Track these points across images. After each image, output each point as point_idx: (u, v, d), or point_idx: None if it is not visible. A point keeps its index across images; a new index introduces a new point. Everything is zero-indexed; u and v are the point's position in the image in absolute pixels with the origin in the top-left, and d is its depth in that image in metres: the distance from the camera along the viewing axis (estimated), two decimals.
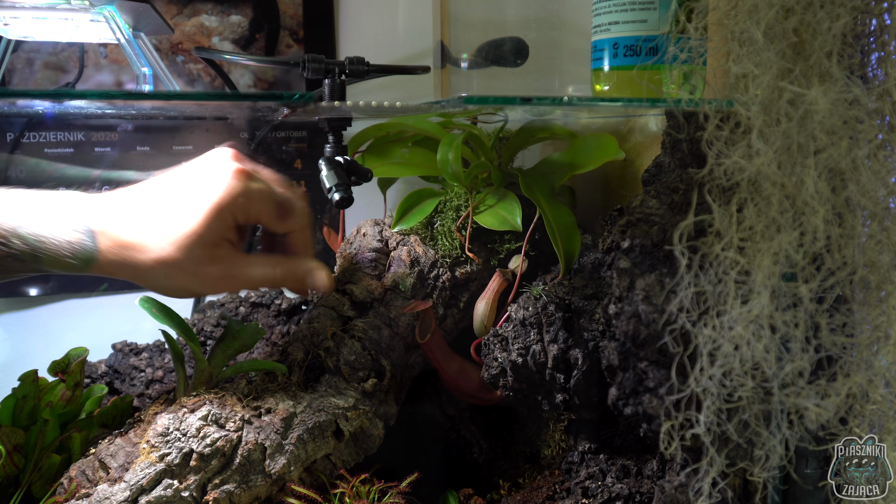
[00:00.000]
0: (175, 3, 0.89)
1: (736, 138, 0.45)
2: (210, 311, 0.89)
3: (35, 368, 0.66)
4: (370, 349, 0.65)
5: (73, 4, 0.64)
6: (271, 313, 0.88)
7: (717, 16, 0.48)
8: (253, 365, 0.63)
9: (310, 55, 0.60)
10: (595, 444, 0.66)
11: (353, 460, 0.63)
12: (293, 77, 0.94)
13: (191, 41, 0.90)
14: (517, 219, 0.69)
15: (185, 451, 0.56)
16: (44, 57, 0.87)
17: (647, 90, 0.55)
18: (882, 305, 0.49)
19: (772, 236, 0.46)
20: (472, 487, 0.67)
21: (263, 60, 0.88)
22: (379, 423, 0.64)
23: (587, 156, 0.72)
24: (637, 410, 0.58)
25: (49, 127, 0.88)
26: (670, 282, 0.53)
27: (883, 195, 0.47)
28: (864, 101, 0.44)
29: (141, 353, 0.85)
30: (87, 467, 0.57)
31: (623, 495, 0.61)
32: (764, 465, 0.50)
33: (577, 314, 0.64)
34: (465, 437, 0.75)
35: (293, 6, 0.93)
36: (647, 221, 0.57)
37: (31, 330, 0.89)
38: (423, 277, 0.70)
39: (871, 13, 0.45)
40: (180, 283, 0.57)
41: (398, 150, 0.78)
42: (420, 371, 0.72)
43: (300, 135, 0.95)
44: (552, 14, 0.75)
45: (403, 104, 0.56)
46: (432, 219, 0.74)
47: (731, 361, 0.47)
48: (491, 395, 0.70)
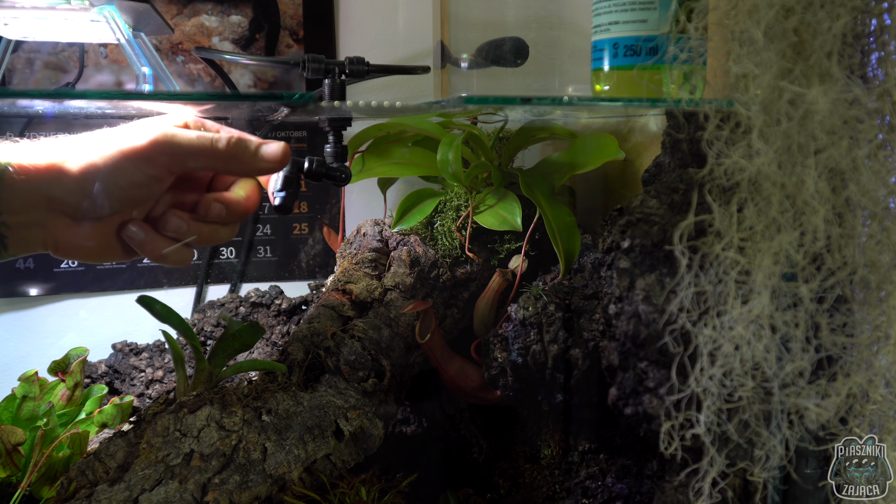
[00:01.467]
0: (175, 3, 0.89)
1: (736, 138, 0.45)
2: (210, 311, 0.90)
3: (35, 368, 0.66)
4: (370, 349, 0.65)
5: (73, 4, 0.64)
6: (271, 313, 0.88)
7: (717, 16, 0.48)
8: (253, 365, 0.63)
9: (310, 55, 0.60)
10: (595, 444, 0.66)
11: (353, 460, 0.63)
12: (293, 77, 0.94)
13: (191, 41, 0.90)
14: (517, 219, 0.69)
15: (185, 451, 0.56)
16: (44, 57, 0.87)
17: (647, 90, 0.55)
18: (882, 305, 0.49)
19: (772, 236, 0.46)
20: (472, 487, 0.67)
21: (263, 60, 0.88)
22: (379, 423, 0.64)
23: (587, 156, 0.73)
24: (637, 410, 0.58)
25: (49, 127, 0.88)
26: (670, 282, 0.53)
27: (883, 195, 0.47)
28: (864, 101, 0.44)
29: (141, 353, 0.85)
30: (87, 467, 0.57)
31: (623, 495, 0.61)
32: (764, 465, 0.50)
33: (577, 314, 0.64)
34: (465, 437, 0.75)
35: (293, 6, 0.93)
36: (647, 221, 0.57)
37: (31, 330, 0.89)
38: (423, 277, 0.70)
39: (871, 13, 0.45)
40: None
41: (398, 150, 0.78)
42: (420, 371, 0.72)
43: (300, 135, 0.95)
44: (552, 14, 0.75)
45: (403, 104, 0.56)
46: (432, 219, 0.74)
47: (732, 361, 0.47)
48: (491, 395, 0.70)
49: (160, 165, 0.54)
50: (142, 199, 0.56)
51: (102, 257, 0.57)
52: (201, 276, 0.94)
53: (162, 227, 0.57)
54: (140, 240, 0.56)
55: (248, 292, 0.91)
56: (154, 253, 0.57)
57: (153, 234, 0.57)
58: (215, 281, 0.95)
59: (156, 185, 0.55)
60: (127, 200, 0.55)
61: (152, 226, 0.57)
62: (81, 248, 0.56)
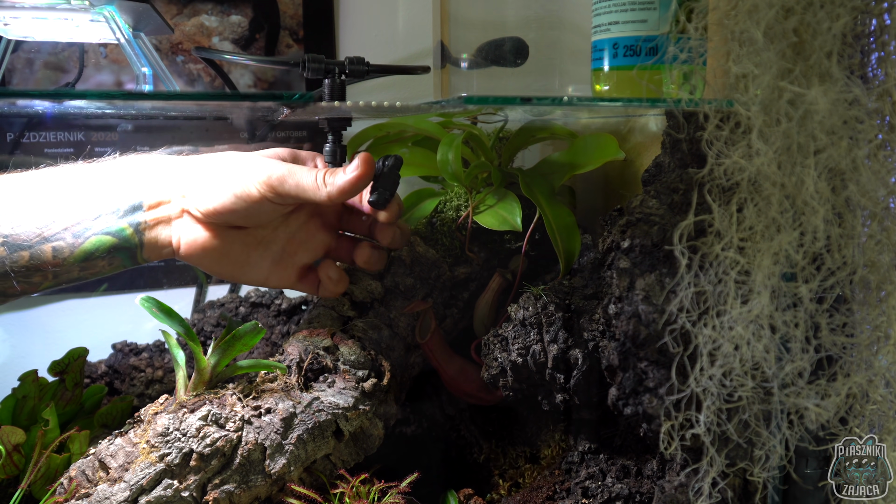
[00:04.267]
0: (175, 3, 0.89)
1: (736, 138, 0.45)
2: (210, 311, 0.90)
3: (35, 368, 0.66)
4: (370, 349, 0.65)
5: (73, 4, 0.64)
6: (271, 313, 0.88)
7: (717, 16, 0.48)
8: (253, 365, 0.63)
9: (310, 55, 0.60)
10: (595, 444, 0.66)
11: (353, 460, 0.63)
12: (293, 77, 0.94)
13: (191, 41, 0.90)
14: (517, 219, 0.69)
15: (185, 451, 0.56)
16: (44, 57, 0.87)
17: (647, 90, 0.55)
18: (882, 305, 0.49)
19: (772, 236, 0.46)
20: (472, 487, 0.67)
21: (263, 60, 0.88)
22: (379, 423, 0.64)
23: (587, 156, 0.72)
24: (637, 410, 0.58)
25: (49, 127, 0.88)
26: (670, 282, 0.53)
27: (883, 195, 0.47)
28: (864, 101, 0.44)
29: (141, 353, 0.85)
30: (87, 467, 0.57)
31: (623, 495, 0.61)
32: (764, 465, 0.50)
33: (577, 314, 0.64)
34: (465, 437, 0.75)
35: (293, 6, 0.93)
36: (647, 221, 0.57)
37: (31, 330, 0.89)
38: (423, 277, 0.70)
39: (871, 13, 0.45)
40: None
41: (398, 150, 0.78)
42: (420, 371, 0.72)
43: (300, 135, 0.95)
44: (552, 14, 0.75)
45: (403, 104, 0.56)
46: (432, 219, 0.74)
47: (731, 361, 0.47)
48: (491, 395, 0.70)
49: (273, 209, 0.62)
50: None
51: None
52: (201, 276, 0.94)
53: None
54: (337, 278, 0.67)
55: (248, 292, 0.91)
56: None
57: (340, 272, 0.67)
58: (215, 281, 0.95)
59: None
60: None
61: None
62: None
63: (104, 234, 0.60)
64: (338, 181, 0.59)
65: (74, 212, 0.59)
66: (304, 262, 0.67)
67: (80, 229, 0.59)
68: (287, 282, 0.67)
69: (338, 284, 0.67)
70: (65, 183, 0.61)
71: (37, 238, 0.58)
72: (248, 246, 0.64)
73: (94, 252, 0.59)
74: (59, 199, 0.59)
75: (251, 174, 0.60)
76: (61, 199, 0.60)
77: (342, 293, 0.68)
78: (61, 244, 0.59)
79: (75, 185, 0.61)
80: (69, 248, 0.59)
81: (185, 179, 0.62)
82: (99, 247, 0.59)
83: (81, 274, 0.61)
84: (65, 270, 0.59)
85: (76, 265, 0.59)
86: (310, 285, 0.68)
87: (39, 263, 0.58)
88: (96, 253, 0.60)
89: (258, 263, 0.65)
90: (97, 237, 0.59)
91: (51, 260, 0.58)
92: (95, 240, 0.59)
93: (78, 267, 0.60)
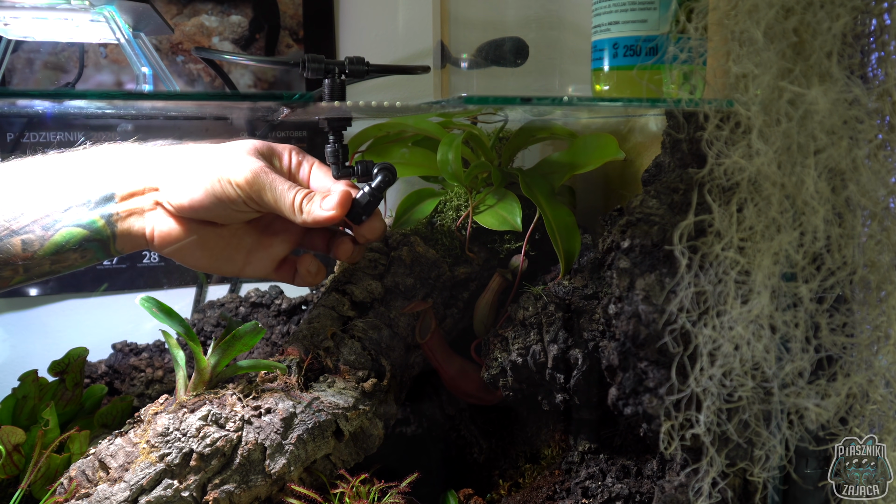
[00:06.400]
0: (175, 3, 0.89)
1: (736, 138, 0.45)
2: (210, 311, 0.90)
3: (35, 368, 0.66)
4: (370, 349, 0.65)
5: (73, 4, 0.64)
6: (271, 313, 0.88)
7: (717, 16, 0.48)
8: (253, 365, 0.63)
9: (310, 55, 0.60)
10: (595, 444, 0.66)
11: (353, 460, 0.63)
12: (293, 77, 0.94)
13: (191, 41, 0.90)
14: (517, 219, 0.69)
15: (185, 451, 0.56)
16: (44, 57, 0.87)
17: (647, 90, 0.55)
18: (882, 305, 0.49)
19: (772, 236, 0.46)
20: (472, 487, 0.67)
21: (263, 60, 0.88)
22: (379, 423, 0.64)
23: (587, 156, 0.72)
24: (637, 410, 0.58)
25: (49, 127, 0.88)
26: (670, 282, 0.53)
27: (883, 195, 0.47)
28: (864, 101, 0.44)
29: (141, 353, 0.85)
30: (87, 467, 0.57)
31: (623, 495, 0.61)
32: (764, 465, 0.50)
33: (577, 314, 0.64)
34: (465, 437, 0.75)
35: (293, 6, 0.93)
36: (647, 221, 0.57)
37: (31, 330, 0.90)
38: (423, 277, 0.70)
39: (871, 13, 0.45)
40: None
41: (398, 150, 0.78)
42: (420, 371, 0.72)
43: (300, 135, 0.95)
44: (552, 14, 0.75)
45: (403, 104, 0.56)
46: (432, 219, 0.74)
47: (731, 361, 0.47)
48: (491, 395, 0.70)
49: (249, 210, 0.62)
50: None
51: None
52: (201, 276, 0.94)
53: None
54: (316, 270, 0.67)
55: (248, 292, 0.91)
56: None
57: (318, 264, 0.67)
58: (215, 281, 0.95)
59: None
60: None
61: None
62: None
63: (75, 226, 0.59)
64: (314, 211, 0.60)
65: (44, 204, 0.58)
66: (279, 253, 0.67)
67: (50, 221, 0.58)
68: (263, 272, 0.67)
69: (316, 277, 0.67)
70: (34, 174, 0.59)
71: (4, 231, 0.57)
72: (223, 238, 0.64)
73: (66, 245, 0.58)
74: (27, 191, 0.58)
75: (229, 174, 0.59)
76: (30, 190, 0.58)
77: (319, 284, 0.69)
78: (31, 237, 0.57)
79: (45, 176, 0.59)
80: (39, 241, 0.58)
81: (160, 171, 0.61)
82: (70, 239, 0.58)
83: (53, 267, 0.60)
84: (36, 264, 0.58)
85: (47, 258, 0.58)
86: (286, 275, 0.68)
87: (9, 257, 0.57)
88: (67, 245, 0.59)
89: (233, 255, 0.65)
90: (68, 229, 0.58)
91: (20, 253, 0.57)
92: (66, 232, 0.58)
93: (49, 260, 0.59)
